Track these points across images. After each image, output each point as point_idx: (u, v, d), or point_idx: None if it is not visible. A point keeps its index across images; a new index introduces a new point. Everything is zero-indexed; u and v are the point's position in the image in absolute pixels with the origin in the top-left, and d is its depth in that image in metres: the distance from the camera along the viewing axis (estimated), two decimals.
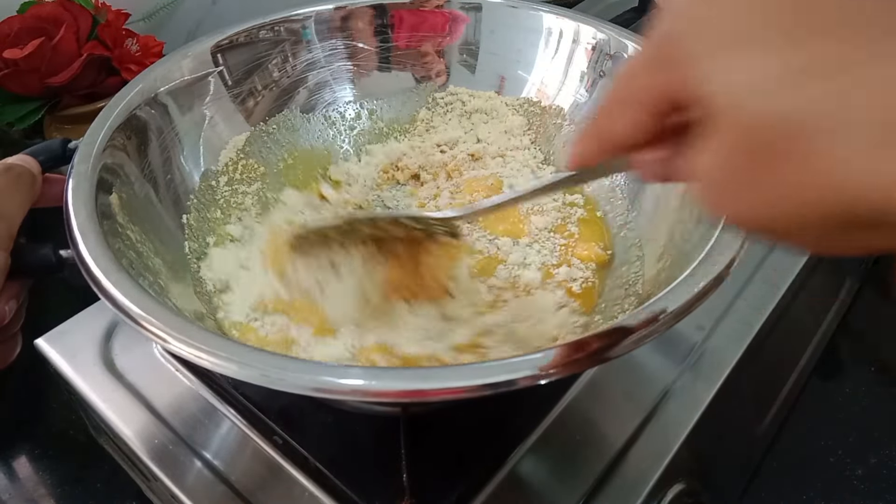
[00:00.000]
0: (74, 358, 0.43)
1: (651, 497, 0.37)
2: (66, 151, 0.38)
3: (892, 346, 0.58)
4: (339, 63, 0.53)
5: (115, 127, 0.39)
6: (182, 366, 0.42)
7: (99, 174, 0.36)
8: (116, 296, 0.29)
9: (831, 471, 0.49)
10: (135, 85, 0.42)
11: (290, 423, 0.38)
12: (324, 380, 0.25)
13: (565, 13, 0.50)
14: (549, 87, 0.51)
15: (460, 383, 0.25)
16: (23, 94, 0.60)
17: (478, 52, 0.53)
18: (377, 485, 0.35)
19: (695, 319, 0.44)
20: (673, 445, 0.38)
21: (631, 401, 0.40)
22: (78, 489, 0.46)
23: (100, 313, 0.45)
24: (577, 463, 0.37)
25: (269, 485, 0.36)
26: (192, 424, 0.39)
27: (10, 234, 0.32)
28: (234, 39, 0.48)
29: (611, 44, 0.48)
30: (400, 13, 0.52)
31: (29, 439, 0.49)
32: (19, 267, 0.32)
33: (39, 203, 0.35)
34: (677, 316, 0.28)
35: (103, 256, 0.30)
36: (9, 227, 0.32)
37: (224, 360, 0.26)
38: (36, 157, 0.36)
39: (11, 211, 0.33)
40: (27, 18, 0.59)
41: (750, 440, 0.49)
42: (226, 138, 0.47)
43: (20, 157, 0.36)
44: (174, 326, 0.27)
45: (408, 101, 0.54)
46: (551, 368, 0.25)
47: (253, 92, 0.49)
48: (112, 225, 0.34)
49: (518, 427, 0.38)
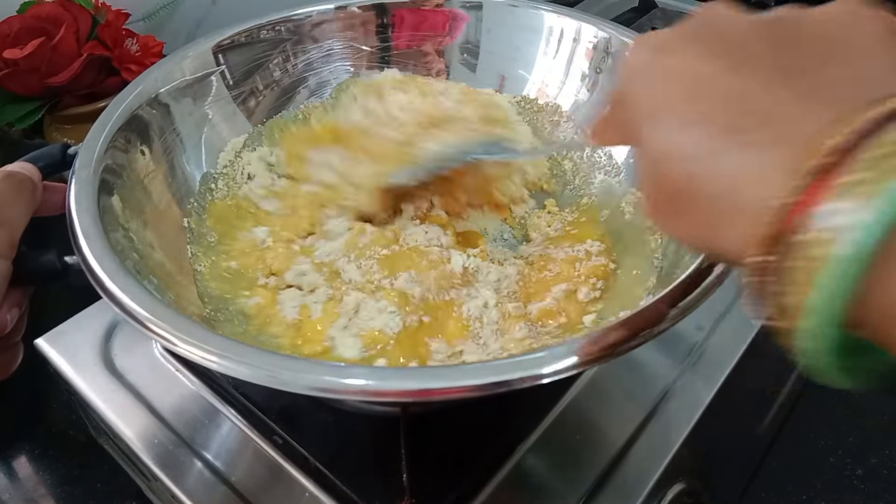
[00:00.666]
0: (74, 358, 0.43)
1: (651, 497, 0.37)
2: (66, 157, 0.37)
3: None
4: (340, 63, 0.53)
5: (116, 128, 0.39)
6: (182, 366, 0.42)
7: (101, 176, 0.36)
8: (124, 300, 0.29)
9: (831, 471, 0.49)
10: (135, 86, 0.42)
11: (290, 423, 0.38)
12: (327, 380, 0.25)
13: (566, 12, 0.50)
14: (549, 86, 0.51)
15: (464, 382, 0.25)
16: (23, 94, 0.60)
17: (478, 52, 0.53)
18: (377, 485, 0.35)
19: (695, 319, 0.44)
20: (673, 445, 0.38)
21: (631, 401, 0.40)
22: (78, 489, 0.46)
23: (100, 313, 0.45)
24: (577, 463, 0.37)
25: (269, 485, 0.36)
26: (192, 424, 0.39)
27: (13, 241, 0.32)
28: (235, 39, 0.48)
29: (612, 43, 0.48)
30: (400, 12, 0.52)
31: (29, 439, 0.49)
32: (23, 274, 0.32)
33: (40, 211, 0.35)
34: (676, 316, 0.28)
35: (109, 261, 0.30)
36: (10, 235, 0.32)
37: (228, 361, 0.26)
38: (35, 162, 0.36)
39: (13, 218, 0.32)
40: (27, 18, 0.59)
41: (750, 440, 0.49)
42: (226, 139, 0.47)
43: (20, 164, 0.35)
44: (181, 329, 0.27)
45: None
46: (552, 368, 0.25)
47: (254, 92, 0.49)
48: (115, 227, 0.34)
49: (518, 427, 0.38)
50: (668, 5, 0.84)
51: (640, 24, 0.80)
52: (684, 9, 0.83)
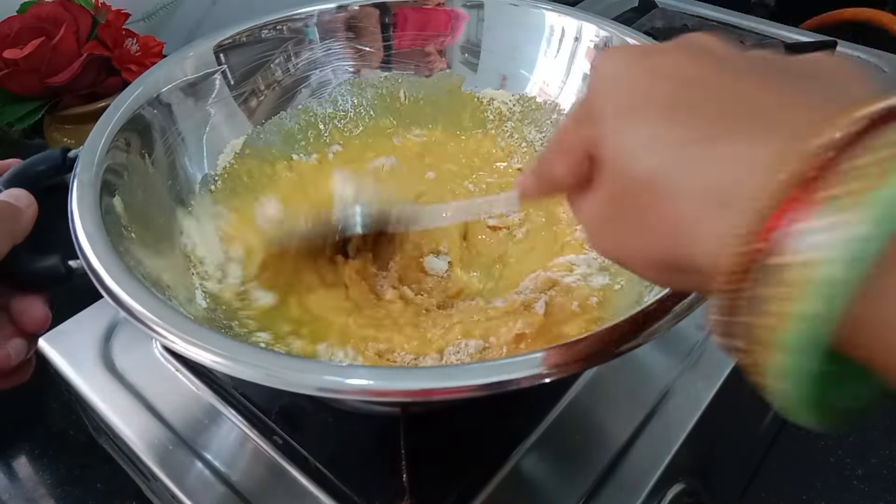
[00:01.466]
0: (74, 358, 0.43)
1: (651, 497, 0.37)
2: (66, 160, 0.37)
3: None
4: (341, 62, 0.53)
5: (118, 129, 0.39)
6: (182, 366, 0.42)
7: (103, 177, 0.36)
8: (130, 304, 0.29)
9: (831, 471, 0.49)
10: (137, 86, 0.42)
11: (290, 423, 0.38)
12: (328, 379, 0.25)
13: (567, 11, 0.50)
14: (550, 85, 0.51)
15: (465, 382, 0.25)
16: (23, 94, 0.60)
17: (479, 51, 0.53)
18: (377, 485, 0.35)
19: (695, 319, 0.44)
20: (673, 445, 0.38)
21: (631, 400, 0.40)
22: (78, 489, 0.46)
23: (100, 313, 0.45)
24: (577, 463, 0.37)
25: (269, 485, 0.36)
26: (192, 424, 0.39)
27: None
28: (236, 39, 0.48)
29: (613, 42, 0.48)
30: (402, 12, 0.52)
31: (29, 439, 0.49)
32: (28, 280, 0.32)
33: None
34: (678, 315, 0.28)
35: (114, 265, 0.30)
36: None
37: (231, 361, 0.26)
38: (36, 166, 0.36)
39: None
40: (27, 18, 0.59)
41: (750, 440, 0.49)
42: (228, 139, 0.47)
43: (10, 192, 0.34)
44: (186, 331, 0.27)
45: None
46: (553, 368, 0.25)
47: (256, 91, 0.49)
48: (117, 229, 0.34)
49: (518, 427, 0.38)
50: (667, 5, 0.84)
51: (640, 23, 0.80)
52: (684, 9, 0.83)
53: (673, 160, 0.18)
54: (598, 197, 0.22)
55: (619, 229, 0.21)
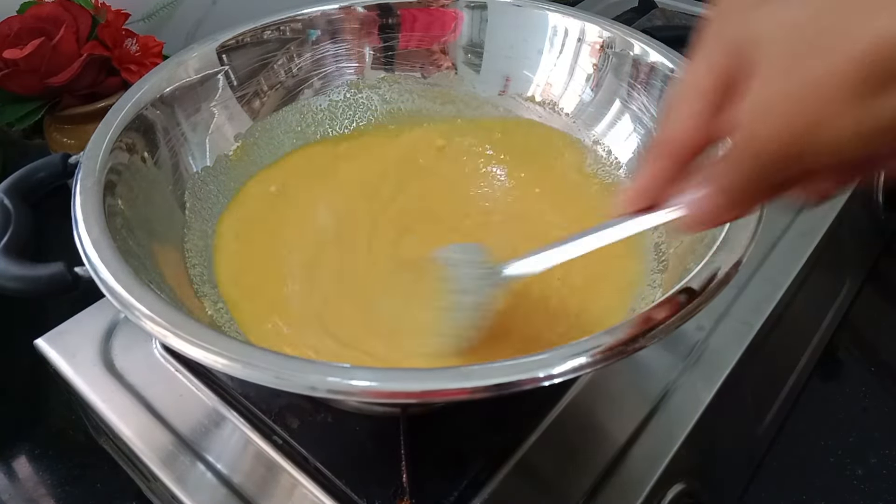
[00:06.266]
0: (74, 358, 0.43)
1: (651, 497, 0.37)
2: (66, 167, 0.37)
3: (892, 346, 0.58)
4: (344, 63, 0.53)
5: (120, 130, 0.39)
6: (182, 366, 0.42)
7: (106, 178, 0.36)
8: (141, 309, 0.29)
9: (831, 471, 0.49)
10: (140, 86, 0.42)
11: (290, 423, 0.38)
12: (330, 380, 0.25)
13: (570, 12, 0.50)
14: (554, 86, 0.51)
15: (466, 384, 0.25)
16: (23, 94, 0.60)
17: (482, 52, 0.53)
18: (377, 485, 0.35)
19: (695, 319, 0.44)
20: (673, 445, 0.38)
21: (631, 400, 0.40)
22: (78, 489, 0.46)
23: (100, 313, 0.45)
24: (577, 462, 0.37)
25: (269, 485, 0.36)
26: (192, 424, 0.39)
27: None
28: (239, 39, 0.48)
29: (616, 42, 0.48)
30: (405, 12, 0.52)
31: (29, 439, 0.49)
32: (34, 290, 0.32)
33: None
34: (681, 317, 0.28)
35: (121, 272, 0.30)
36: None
37: (233, 362, 0.26)
38: (36, 173, 0.36)
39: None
40: (27, 18, 0.59)
41: (750, 440, 0.49)
42: (231, 139, 0.47)
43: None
44: (192, 333, 0.27)
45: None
46: (554, 369, 0.25)
47: (259, 92, 0.49)
48: (121, 233, 0.34)
49: (518, 426, 0.38)
50: (667, 5, 0.84)
51: (640, 23, 0.80)
52: (684, 9, 0.83)
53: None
54: (768, 72, 0.20)
55: (814, 64, 0.19)
